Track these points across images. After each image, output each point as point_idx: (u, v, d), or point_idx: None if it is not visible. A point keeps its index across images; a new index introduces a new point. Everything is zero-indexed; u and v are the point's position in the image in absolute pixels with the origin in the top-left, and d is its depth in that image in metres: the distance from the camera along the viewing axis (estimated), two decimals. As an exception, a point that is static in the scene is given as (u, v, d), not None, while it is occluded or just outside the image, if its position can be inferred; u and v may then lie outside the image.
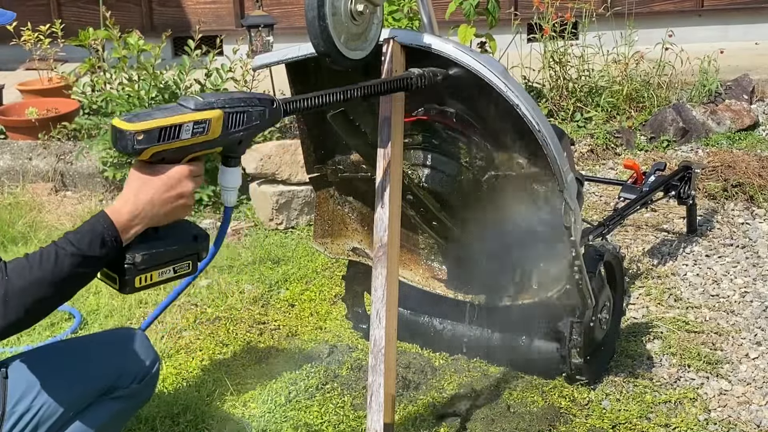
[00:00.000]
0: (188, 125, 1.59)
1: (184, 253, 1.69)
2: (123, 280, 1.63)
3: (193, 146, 1.63)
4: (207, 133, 1.63)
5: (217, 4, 7.71)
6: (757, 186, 4.09)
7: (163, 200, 1.62)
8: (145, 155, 1.59)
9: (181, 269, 1.70)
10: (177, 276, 1.70)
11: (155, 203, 1.62)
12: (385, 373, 2.03)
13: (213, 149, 1.67)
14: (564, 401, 2.60)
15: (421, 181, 2.41)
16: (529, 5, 5.70)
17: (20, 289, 1.52)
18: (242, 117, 1.68)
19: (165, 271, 1.67)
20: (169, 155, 1.61)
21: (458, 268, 2.68)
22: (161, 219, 1.65)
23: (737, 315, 3.12)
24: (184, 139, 1.59)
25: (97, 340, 2.04)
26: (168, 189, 1.63)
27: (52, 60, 5.68)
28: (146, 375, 1.96)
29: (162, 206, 1.63)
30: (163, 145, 1.58)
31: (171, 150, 1.60)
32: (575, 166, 2.70)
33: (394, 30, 2.18)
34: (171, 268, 1.67)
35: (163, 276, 1.67)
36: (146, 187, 1.62)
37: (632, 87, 5.24)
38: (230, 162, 1.75)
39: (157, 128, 1.56)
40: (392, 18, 5.17)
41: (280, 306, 3.34)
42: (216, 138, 1.65)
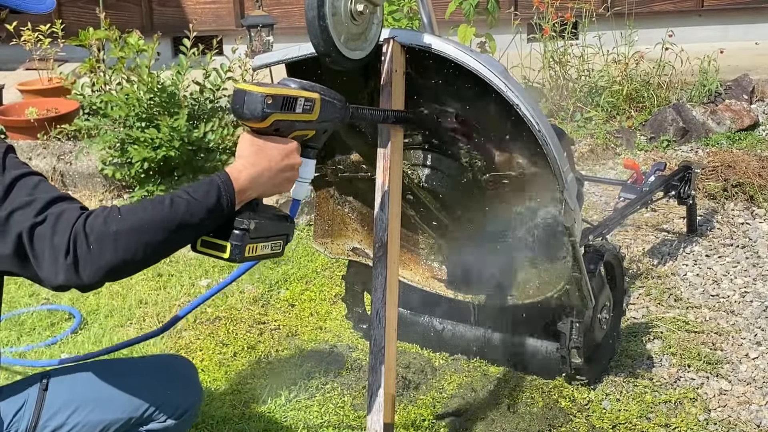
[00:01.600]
0: (301, 100, 1.65)
1: (281, 231, 1.70)
2: (235, 246, 1.59)
3: (299, 123, 1.67)
4: (311, 113, 1.68)
5: (217, 4, 7.71)
6: (757, 186, 4.08)
7: (278, 169, 1.64)
8: (267, 121, 1.60)
9: (276, 248, 1.69)
10: (271, 254, 1.68)
11: (272, 170, 1.63)
12: (385, 373, 2.03)
13: (308, 131, 1.72)
14: (564, 401, 2.60)
15: (421, 181, 2.41)
16: (529, 5, 5.70)
17: (131, 227, 1.48)
18: (332, 106, 1.75)
19: (266, 245, 1.65)
20: (283, 127, 1.64)
21: (458, 268, 2.68)
22: (272, 189, 1.66)
23: (737, 315, 3.12)
24: (297, 113, 1.65)
25: (145, 365, 1.96)
26: (283, 158, 1.64)
27: (52, 60, 5.68)
28: (185, 412, 1.89)
29: (275, 175, 1.64)
30: (283, 114, 1.61)
31: (286, 122, 1.64)
32: (575, 166, 2.70)
33: (394, 30, 2.18)
34: (270, 243, 1.66)
35: (264, 251, 1.65)
36: (264, 153, 1.63)
37: (632, 87, 5.25)
38: (310, 153, 1.77)
39: (281, 96, 1.61)
40: (392, 18, 5.17)
41: (280, 306, 3.34)
42: (314, 120, 1.70)
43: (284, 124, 1.64)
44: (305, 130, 1.71)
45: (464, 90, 2.27)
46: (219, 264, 3.73)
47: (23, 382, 1.80)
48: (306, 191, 1.81)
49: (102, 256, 1.46)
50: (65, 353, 3.01)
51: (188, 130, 4.26)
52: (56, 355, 3.00)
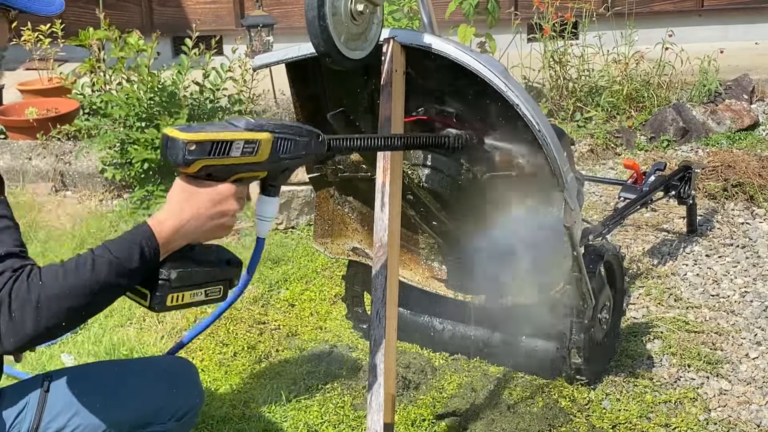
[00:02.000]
0: (239, 143, 1.56)
1: (218, 277, 1.64)
2: (155, 297, 1.56)
3: (240, 166, 1.59)
4: (255, 155, 1.59)
5: (217, 4, 7.71)
6: (757, 186, 4.08)
7: (207, 216, 1.58)
8: (194, 167, 1.53)
9: (213, 294, 1.64)
10: (208, 300, 1.64)
11: (200, 218, 1.57)
12: (385, 373, 2.02)
13: (258, 173, 1.64)
14: (564, 401, 2.60)
15: (421, 181, 2.41)
16: (529, 5, 5.70)
17: (54, 295, 1.45)
18: (290, 144, 1.65)
19: (197, 293, 1.61)
20: (217, 172, 1.57)
21: (458, 267, 2.68)
22: (202, 236, 1.60)
23: (737, 315, 3.12)
24: (233, 157, 1.56)
25: (147, 367, 1.95)
26: (214, 204, 1.58)
27: (52, 60, 5.68)
28: (186, 414, 1.88)
29: (205, 222, 1.58)
30: (213, 160, 1.54)
31: (219, 167, 1.56)
32: (575, 166, 2.70)
33: (394, 30, 2.18)
34: (203, 290, 1.62)
35: (195, 298, 1.61)
36: (192, 201, 1.57)
37: (632, 87, 5.24)
38: (270, 191, 1.71)
39: (209, 141, 1.53)
40: (392, 18, 5.17)
41: (280, 306, 3.34)
42: (263, 161, 1.61)
43: (217, 169, 1.56)
44: (253, 172, 1.63)
45: (464, 90, 2.27)
46: (219, 264, 3.72)
47: (25, 384, 1.80)
48: (268, 229, 1.75)
49: (24, 325, 1.43)
50: (65, 353, 3.01)
51: (188, 130, 4.25)
52: (56, 354, 3.00)
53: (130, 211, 4.28)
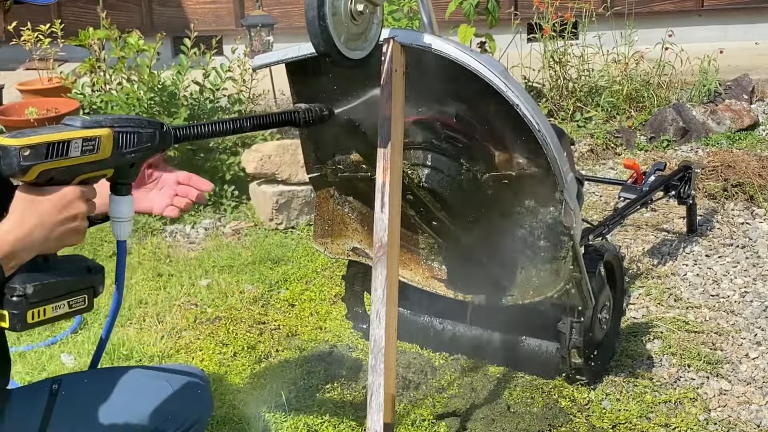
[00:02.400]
0: (77, 142, 1.48)
1: (79, 286, 1.54)
2: (14, 315, 1.44)
3: (83, 166, 1.51)
4: (97, 152, 1.52)
5: (217, 4, 7.71)
6: (757, 186, 4.09)
7: (53, 223, 1.47)
8: (31, 174, 1.44)
9: (77, 304, 1.53)
10: (72, 312, 1.54)
11: (45, 226, 1.46)
12: (385, 373, 2.02)
13: (104, 170, 1.56)
14: (564, 401, 2.60)
15: (421, 181, 2.41)
16: (529, 5, 5.70)
17: None
18: (133, 138, 1.58)
19: (60, 305, 1.50)
20: (58, 175, 1.47)
21: (458, 268, 2.68)
22: (51, 244, 1.49)
23: (737, 315, 3.12)
24: (73, 157, 1.48)
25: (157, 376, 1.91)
26: (59, 210, 1.47)
27: (52, 60, 5.68)
28: (194, 425, 1.85)
29: (52, 229, 1.47)
30: (51, 163, 1.45)
31: (60, 169, 1.47)
32: (575, 166, 2.70)
33: (394, 30, 2.18)
34: (66, 302, 1.51)
35: (58, 311, 1.50)
36: (34, 209, 1.45)
37: (632, 87, 5.25)
38: (121, 190, 1.61)
39: (44, 143, 1.44)
40: (392, 18, 5.17)
41: (280, 306, 3.34)
42: (107, 158, 1.54)
43: (58, 172, 1.46)
44: (98, 171, 1.54)
45: (464, 90, 2.27)
46: (219, 264, 3.73)
47: (33, 387, 1.78)
48: (127, 231, 1.64)
49: None
50: (65, 353, 3.01)
51: (188, 130, 4.25)
52: (56, 354, 3.00)
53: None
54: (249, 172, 4.18)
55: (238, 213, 4.30)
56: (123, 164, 1.57)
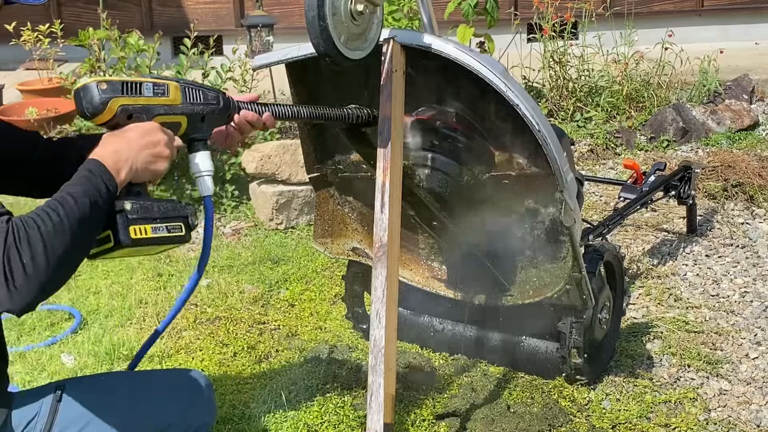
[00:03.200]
0: (148, 84, 1.65)
1: (173, 213, 1.67)
2: (117, 230, 1.57)
3: (157, 107, 1.66)
4: (168, 96, 1.68)
5: (217, 4, 7.71)
6: (757, 186, 4.09)
7: (140, 146, 1.60)
8: (111, 108, 1.58)
9: (175, 230, 1.66)
10: (172, 237, 1.65)
11: (133, 147, 1.59)
12: (385, 373, 2.03)
13: (177, 116, 1.71)
14: (564, 401, 2.60)
15: (421, 181, 2.41)
16: (529, 5, 5.70)
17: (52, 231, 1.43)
18: (198, 93, 1.75)
19: (158, 227, 1.62)
20: (137, 112, 1.63)
21: (458, 268, 2.68)
22: (140, 167, 1.60)
23: (737, 315, 3.12)
24: (147, 96, 1.64)
25: (160, 381, 1.93)
26: (143, 135, 1.61)
27: (52, 60, 5.68)
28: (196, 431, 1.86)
29: (140, 152, 1.59)
30: (127, 98, 1.61)
31: (137, 107, 1.63)
32: (575, 166, 2.70)
33: (394, 30, 2.18)
34: (164, 226, 1.63)
35: (158, 233, 1.62)
36: (122, 137, 1.60)
37: (632, 87, 5.25)
38: (197, 146, 1.77)
39: (119, 81, 1.60)
40: (392, 18, 5.16)
41: (280, 306, 3.34)
42: (178, 104, 1.70)
43: (136, 109, 1.63)
44: (171, 115, 1.69)
45: (464, 90, 2.27)
46: (219, 264, 3.73)
47: (37, 392, 1.77)
48: (210, 185, 1.79)
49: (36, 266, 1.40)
50: (65, 353, 3.01)
51: (188, 130, 4.25)
52: (56, 355, 3.00)
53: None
54: (249, 172, 4.18)
55: (238, 213, 4.30)
56: (193, 115, 1.74)
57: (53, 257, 1.42)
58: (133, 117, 1.62)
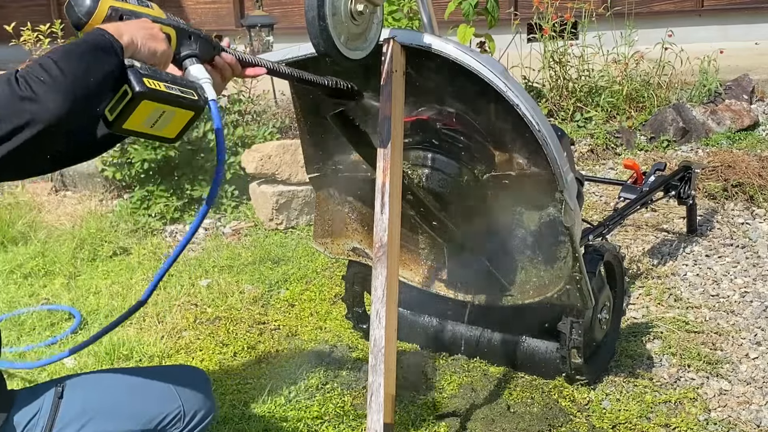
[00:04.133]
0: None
1: (182, 82, 1.67)
2: (132, 82, 1.57)
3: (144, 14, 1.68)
4: (152, 9, 1.71)
5: (217, 4, 7.71)
6: (757, 186, 4.09)
7: (137, 26, 1.62)
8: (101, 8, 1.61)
9: (187, 93, 1.65)
10: (184, 98, 1.65)
11: (131, 26, 1.61)
12: (385, 373, 2.03)
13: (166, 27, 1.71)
14: (564, 401, 2.60)
15: (421, 181, 2.41)
16: (529, 5, 5.70)
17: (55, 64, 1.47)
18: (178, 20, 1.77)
19: (171, 86, 1.62)
20: (126, 14, 1.65)
21: (458, 268, 2.68)
22: (141, 44, 1.61)
23: (737, 315, 3.12)
24: (133, 4, 1.67)
25: (160, 376, 1.93)
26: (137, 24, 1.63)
27: (52, 60, 5.67)
28: (197, 426, 1.87)
29: (138, 30, 1.61)
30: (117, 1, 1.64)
31: (126, 10, 1.65)
32: (575, 166, 2.70)
33: (394, 30, 2.18)
34: (177, 87, 1.63)
35: (172, 90, 1.62)
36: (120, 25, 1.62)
37: (632, 87, 5.25)
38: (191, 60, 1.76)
39: None
40: (392, 18, 5.16)
41: (280, 306, 3.34)
42: (163, 18, 1.72)
43: (126, 12, 1.65)
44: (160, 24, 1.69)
45: (464, 90, 2.27)
46: (219, 264, 3.73)
47: (38, 389, 1.78)
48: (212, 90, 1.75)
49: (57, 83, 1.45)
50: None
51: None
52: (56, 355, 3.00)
53: (130, 211, 4.29)
54: (249, 172, 4.18)
55: (238, 213, 4.30)
56: (180, 29, 1.74)
57: (68, 71, 1.46)
58: (124, 18, 1.64)
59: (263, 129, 4.56)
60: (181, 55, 1.75)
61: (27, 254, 3.88)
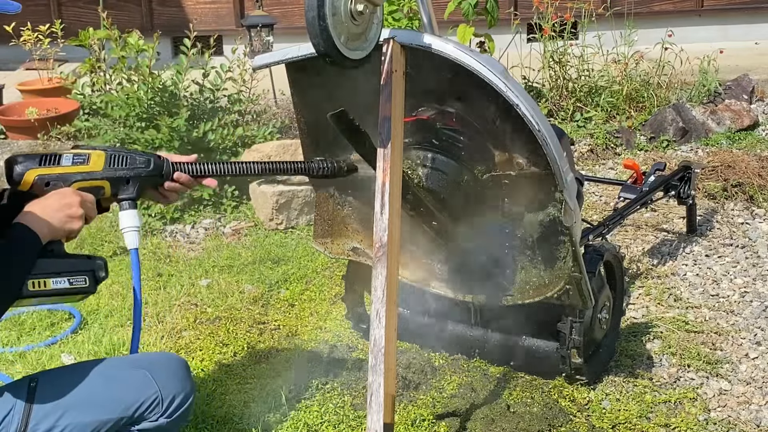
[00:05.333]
0: (68, 155, 1.85)
1: (78, 267, 1.80)
2: None
3: (74, 174, 1.84)
4: (88, 164, 1.86)
5: (217, 4, 7.71)
6: (757, 186, 4.09)
7: (54, 208, 1.76)
8: (28, 177, 1.80)
9: (78, 282, 1.79)
10: (74, 289, 1.79)
11: (47, 210, 1.76)
12: (385, 373, 2.03)
13: (97, 181, 1.88)
14: (564, 401, 2.60)
15: (421, 181, 2.41)
16: (529, 5, 5.70)
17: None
18: (125, 159, 1.91)
19: (60, 281, 1.76)
20: (54, 180, 1.83)
21: (458, 267, 2.68)
22: (57, 227, 1.76)
23: (737, 315, 3.12)
24: (65, 166, 1.84)
25: (134, 363, 1.96)
26: (58, 199, 1.78)
27: (52, 60, 5.69)
28: (177, 410, 1.90)
29: (55, 213, 1.76)
30: (44, 169, 1.82)
31: (53, 176, 1.83)
32: (575, 166, 2.70)
33: (394, 30, 2.18)
34: (66, 279, 1.77)
35: (58, 285, 1.76)
36: (39, 202, 1.77)
37: (632, 87, 5.25)
38: (125, 204, 1.94)
39: (38, 154, 1.83)
40: (392, 18, 5.17)
41: (280, 306, 3.34)
42: (98, 170, 1.88)
43: (53, 178, 1.82)
44: (91, 180, 1.87)
45: (464, 90, 2.27)
46: (219, 264, 3.73)
47: (10, 387, 1.80)
48: (135, 239, 1.96)
49: None
50: (65, 353, 3.01)
51: (188, 130, 4.26)
52: (56, 354, 3.00)
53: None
54: (249, 172, 4.17)
55: (238, 213, 4.30)
56: (116, 179, 1.90)
57: None
58: (51, 185, 1.82)
59: (263, 129, 4.56)
60: (118, 197, 1.93)
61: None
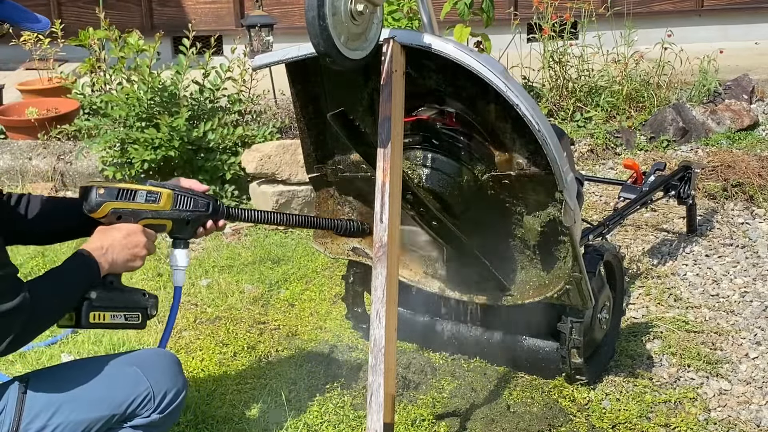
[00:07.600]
0: (143, 192, 1.96)
1: (134, 304, 1.95)
2: (80, 313, 1.84)
3: (145, 211, 1.96)
4: (158, 203, 1.98)
5: (217, 4, 7.71)
6: (757, 186, 4.09)
7: (122, 245, 1.89)
8: (103, 209, 1.91)
9: (132, 318, 1.94)
10: (127, 324, 1.94)
11: (115, 246, 1.89)
12: (385, 373, 2.03)
13: (163, 220, 2.00)
14: (564, 401, 2.60)
15: (421, 181, 2.41)
16: (529, 5, 5.70)
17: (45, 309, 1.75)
18: (190, 201, 2.04)
19: (117, 315, 1.91)
20: (125, 215, 1.94)
21: (459, 267, 2.68)
22: (119, 264, 1.90)
23: (737, 315, 3.12)
24: (138, 203, 1.95)
25: (125, 360, 1.97)
26: (125, 237, 1.90)
27: (52, 60, 5.68)
28: (169, 406, 1.91)
29: (121, 251, 1.89)
30: (119, 203, 1.93)
31: (127, 210, 1.94)
32: (575, 166, 2.70)
33: (394, 30, 2.18)
34: (123, 314, 1.92)
35: (115, 320, 1.91)
36: (108, 234, 1.90)
37: (632, 87, 5.25)
38: (179, 243, 2.07)
39: (116, 188, 1.93)
40: (392, 18, 5.16)
41: (280, 306, 3.34)
42: (167, 210, 1.99)
43: (125, 212, 1.94)
44: (158, 219, 1.99)
45: (464, 90, 2.27)
46: (219, 264, 3.73)
47: (2, 387, 1.81)
48: (182, 278, 2.11)
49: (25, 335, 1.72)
50: (65, 353, 3.01)
51: (188, 129, 4.26)
52: (56, 354, 3.00)
53: (130, 211, 4.28)
54: (249, 172, 4.18)
55: (238, 213, 4.29)
56: (179, 220, 2.03)
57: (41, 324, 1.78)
58: (122, 218, 1.94)
59: (263, 129, 4.56)
60: (174, 236, 2.06)
61: (27, 254, 3.88)
